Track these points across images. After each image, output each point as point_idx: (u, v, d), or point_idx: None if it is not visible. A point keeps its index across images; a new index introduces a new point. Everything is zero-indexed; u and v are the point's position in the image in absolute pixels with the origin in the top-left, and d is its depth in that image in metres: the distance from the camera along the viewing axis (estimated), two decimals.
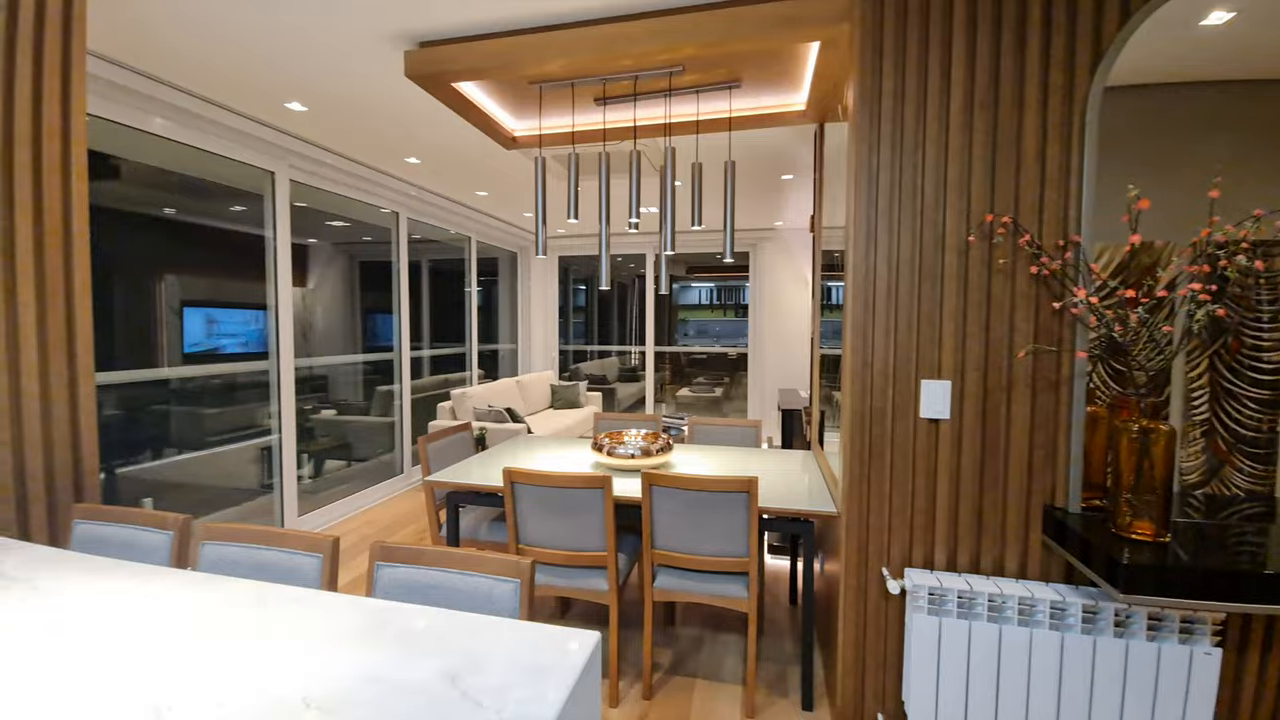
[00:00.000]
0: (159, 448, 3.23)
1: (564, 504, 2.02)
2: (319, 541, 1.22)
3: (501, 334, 6.93)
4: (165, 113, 2.68)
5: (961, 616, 1.48)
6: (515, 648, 0.88)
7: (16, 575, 1.09)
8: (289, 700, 0.75)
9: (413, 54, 2.18)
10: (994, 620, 1.46)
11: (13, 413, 1.40)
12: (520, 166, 3.89)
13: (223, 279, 3.65)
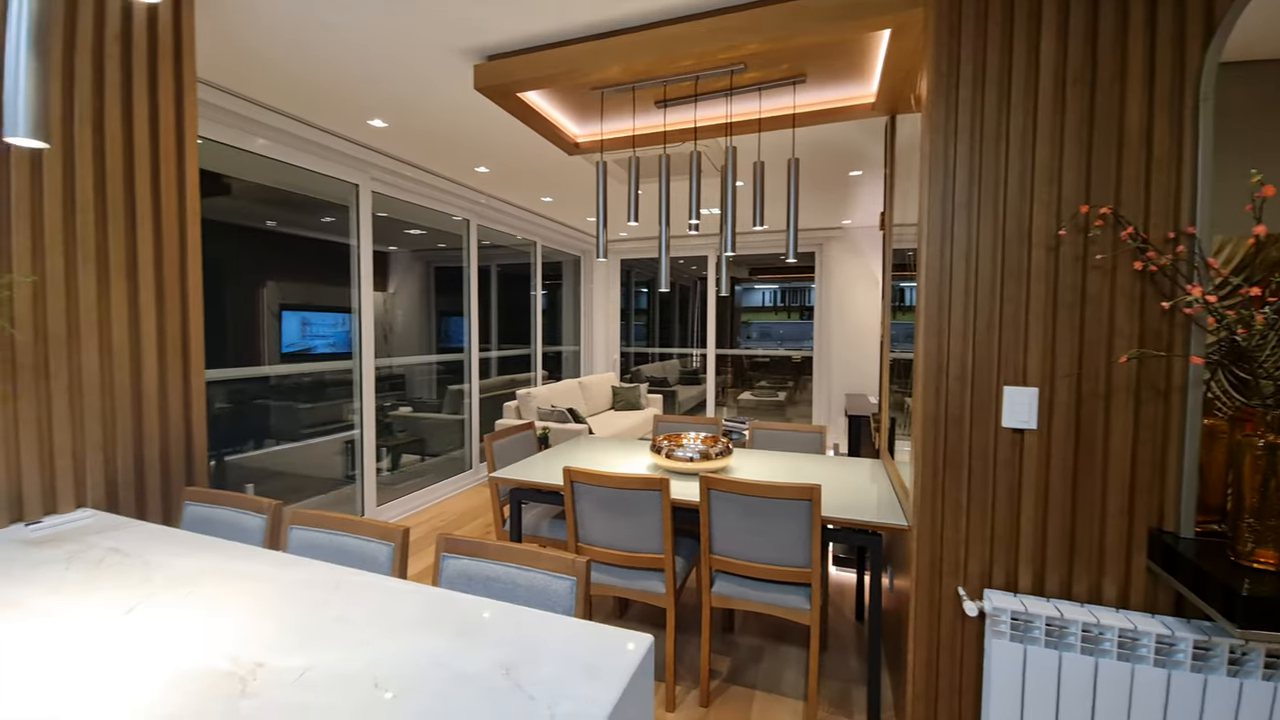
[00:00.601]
0: (260, 438, 3.54)
1: (622, 504, 2.03)
2: (391, 531, 1.30)
3: (565, 336, 7.09)
4: (266, 133, 2.94)
5: (1050, 646, 1.36)
6: (569, 645, 0.89)
7: (132, 551, 1.22)
8: (359, 678, 0.79)
9: (481, 67, 2.27)
10: (1089, 652, 1.33)
11: (134, 407, 1.57)
12: (582, 172, 3.96)
13: (314, 284, 3.96)
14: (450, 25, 2.03)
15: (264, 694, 0.76)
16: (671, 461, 2.42)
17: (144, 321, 1.58)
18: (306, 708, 0.73)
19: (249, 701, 0.74)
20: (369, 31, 2.07)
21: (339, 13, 1.95)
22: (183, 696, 0.75)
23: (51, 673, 0.80)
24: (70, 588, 1.05)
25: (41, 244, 1.38)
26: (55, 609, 0.97)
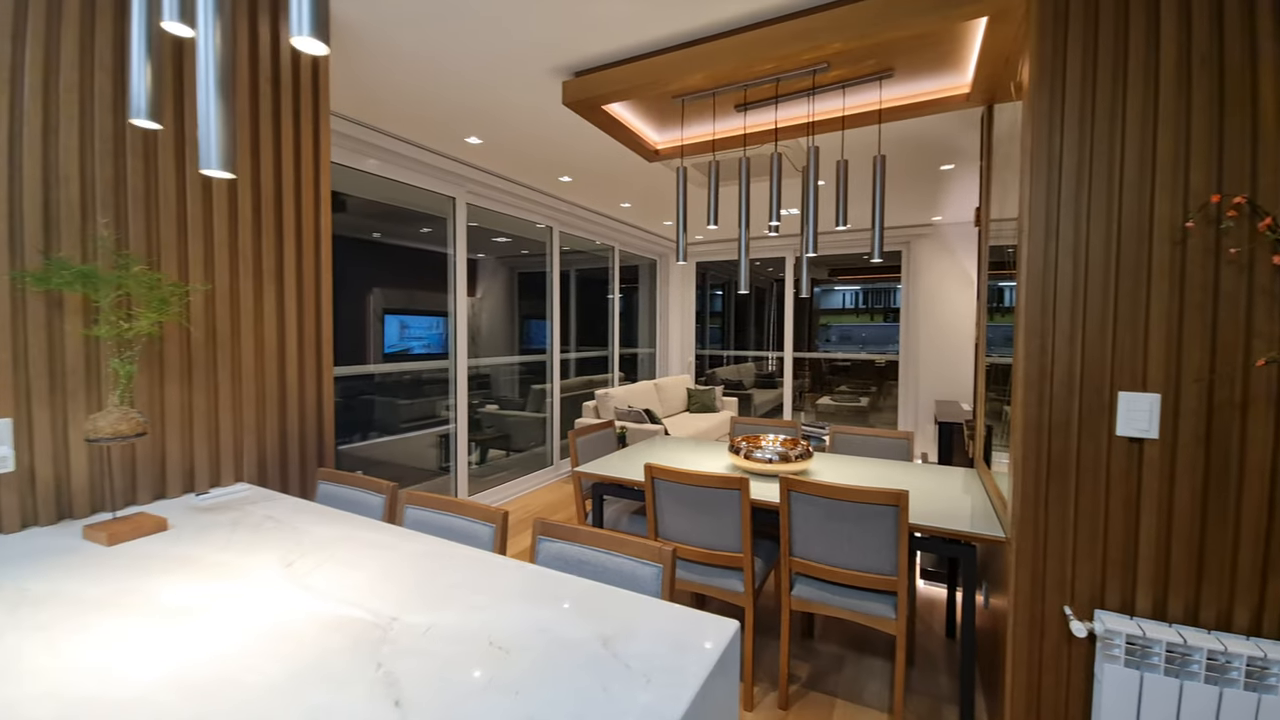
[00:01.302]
0: (365, 431, 3.90)
1: (701, 502, 2.07)
2: (493, 513, 1.42)
3: (640, 338, 7.22)
4: (377, 154, 3.26)
5: (1170, 674, 1.25)
6: (660, 623, 0.94)
7: (283, 519, 1.42)
8: (477, 636, 0.89)
9: (569, 83, 2.40)
10: (1214, 681, 1.21)
11: (279, 397, 1.82)
12: (661, 177, 4.05)
13: (412, 290, 4.32)
14: (543, 46, 2.17)
15: (400, 642, 0.88)
16: (750, 462, 2.43)
17: (288, 323, 1.82)
18: (436, 656, 0.84)
19: (389, 647, 0.86)
20: (473, 57, 2.26)
21: (450, 42, 2.14)
22: (338, 637, 0.88)
23: (229, 613, 0.96)
24: (237, 546, 1.25)
25: (212, 257, 1.64)
26: (227, 562, 1.16)
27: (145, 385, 1.50)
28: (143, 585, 1.05)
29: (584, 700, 0.75)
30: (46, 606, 0.97)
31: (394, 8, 1.92)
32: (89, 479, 1.40)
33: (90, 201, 1.39)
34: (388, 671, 0.80)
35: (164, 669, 0.80)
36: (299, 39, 0.79)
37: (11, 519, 1.29)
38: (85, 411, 1.39)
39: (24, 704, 0.72)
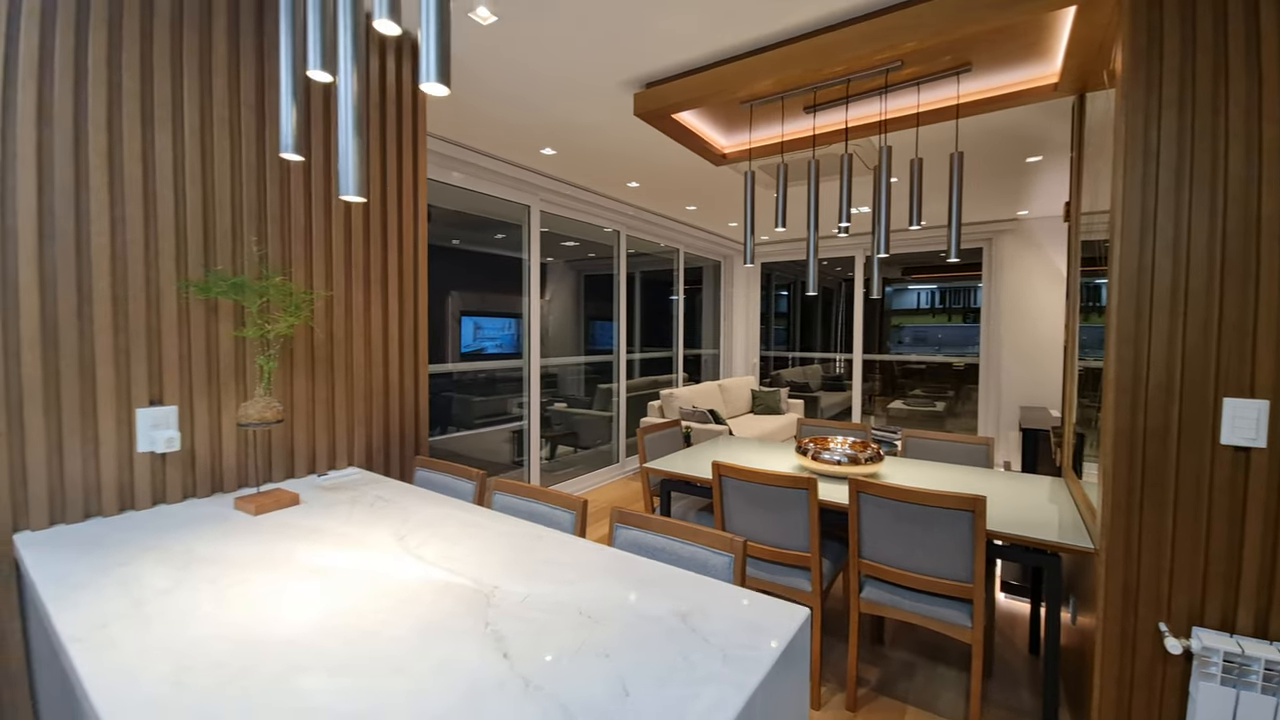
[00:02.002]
0: (444, 425, 4.19)
1: (769, 500, 2.10)
2: (574, 501, 1.53)
3: (704, 339, 7.25)
4: (460, 168, 3.50)
5: (1269, 692, 1.17)
6: (734, 606, 1.01)
7: (391, 499, 1.60)
8: (568, 606, 1.00)
9: (640, 95, 2.50)
10: None
11: (383, 391, 2.03)
12: (728, 179, 4.08)
13: (487, 293, 4.58)
14: (615, 62, 2.28)
15: (502, 607, 0.99)
16: (818, 464, 2.43)
17: (390, 325, 2.03)
18: (534, 621, 0.95)
19: (494, 610, 0.98)
20: (549, 78, 2.41)
21: (528, 65, 2.30)
22: (449, 600, 1.01)
23: (358, 575, 1.12)
24: (356, 520, 1.42)
25: (331, 267, 1.86)
26: (350, 534, 1.34)
27: (280, 379, 1.73)
28: (286, 549, 1.24)
29: (668, 666, 0.83)
30: (212, 565, 1.17)
31: (478, 39, 2.09)
32: (237, 458, 1.64)
33: (239, 222, 1.63)
34: (495, 630, 0.92)
35: (313, 618, 0.96)
36: (427, 84, 0.92)
37: (176, 491, 1.54)
38: (234, 401, 1.63)
39: (205, 641, 0.89)
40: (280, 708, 0.73)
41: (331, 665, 0.82)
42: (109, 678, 0.78)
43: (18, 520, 1.30)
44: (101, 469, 1.40)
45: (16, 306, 1.28)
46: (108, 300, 1.40)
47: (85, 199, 1.37)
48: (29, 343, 1.29)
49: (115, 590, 1.04)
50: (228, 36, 1.60)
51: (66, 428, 1.35)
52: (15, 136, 1.27)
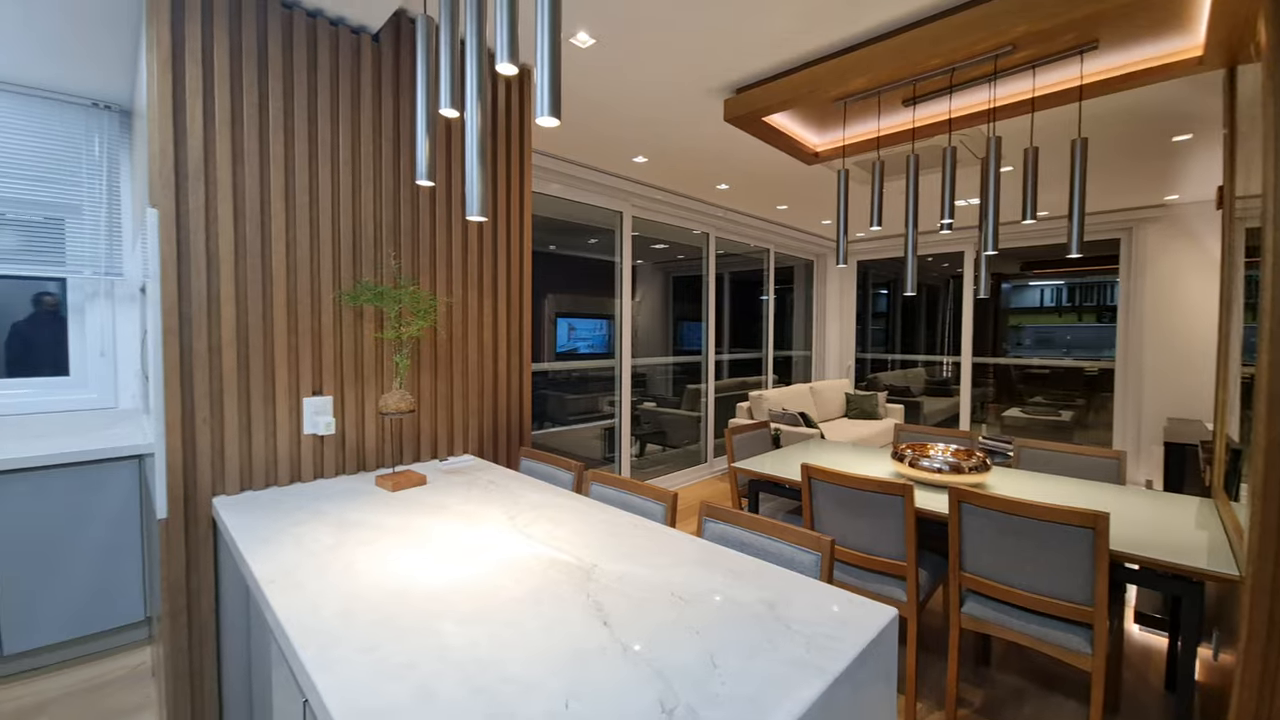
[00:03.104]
0: (541, 421, 4.45)
1: (860, 505, 2.06)
2: (665, 494, 1.62)
3: (795, 340, 7.08)
4: (559, 179, 3.73)
5: None
6: (819, 599, 1.04)
7: (502, 484, 1.77)
8: (661, 588, 1.08)
9: (730, 100, 2.54)
10: None
11: (493, 387, 2.24)
12: (819, 177, 3.99)
13: (579, 295, 4.81)
14: (704, 70, 2.34)
15: (601, 582, 1.10)
16: (916, 471, 2.34)
17: (499, 327, 2.24)
18: (630, 597, 1.04)
19: (594, 585, 1.09)
20: (641, 90, 2.52)
21: (621, 81, 2.43)
22: (555, 572, 1.14)
23: (478, 546, 1.28)
24: (474, 500, 1.61)
25: (451, 276, 2.09)
26: (469, 512, 1.51)
27: (411, 375, 1.98)
28: (418, 521, 1.44)
29: (753, 647, 0.89)
30: (362, 529, 1.38)
31: (577, 61, 2.24)
32: (377, 442, 1.90)
33: (380, 240, 1.89)
34: (595, 601, 1.02)
35: (446, 578, 1.12)
36: (541, 119, 1.04)
37: (330, 468, 1.81)
38: (375, 393, 1.89)
39: (364, 589, 1.07)
40: (423, 643, 0.88)
41: (460, 616, 0.97)
42: (297, 611, 0.97)
43: (215, 486, 1.61)
44: (278, 447, 1.70)
45: (218, 314, 1.59)
46: (284, 308, 1.69)
47: (268, 224, 1.66)
48: (227, 343, 1.60)
49: (293, 545, 1.27)
50: (373, 84, 1.86)
51: (254, 413, 1.65)
52: (215, 178, 1.58)
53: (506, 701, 0.75)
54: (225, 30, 1.57)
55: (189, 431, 1.55)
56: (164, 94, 1.48)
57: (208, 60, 1.55)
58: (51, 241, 2.49)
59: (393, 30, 1.91)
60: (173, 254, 1.51)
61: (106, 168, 2.59)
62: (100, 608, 2.22)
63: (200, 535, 1.58)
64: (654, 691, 0.77)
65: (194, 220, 1.54)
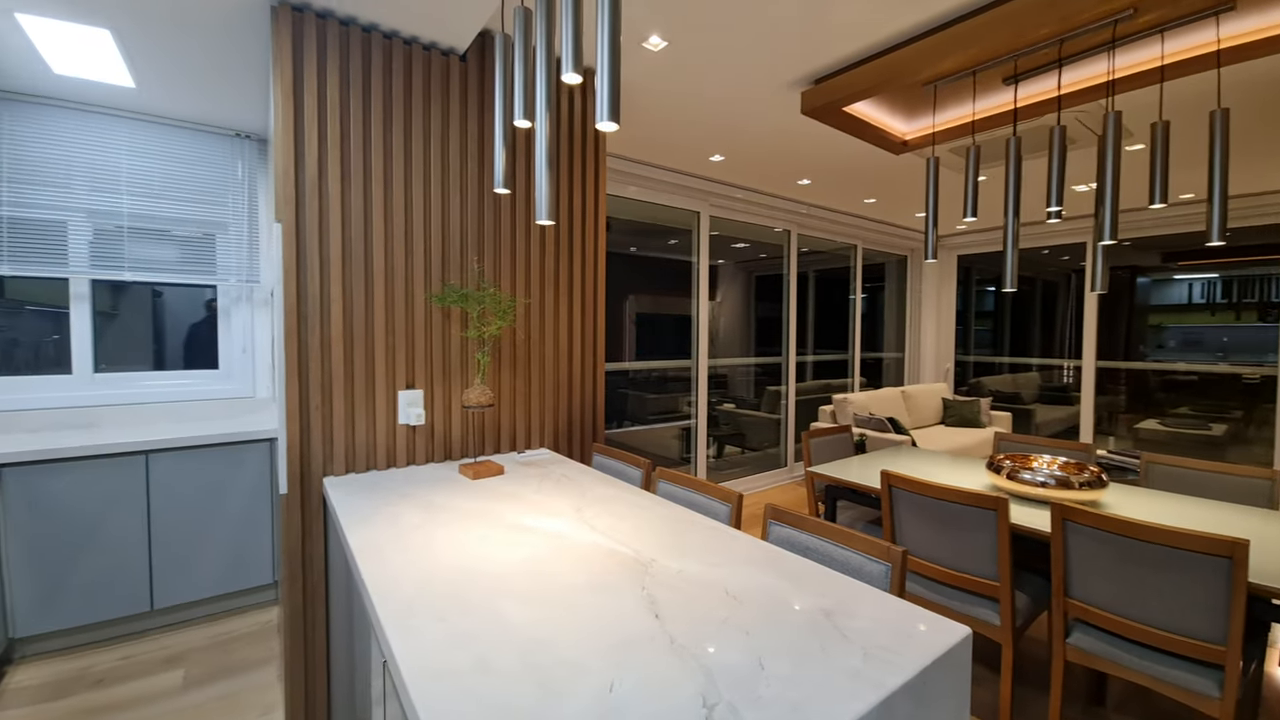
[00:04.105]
0: (620, 420, 4.54)
1: (946, 518, 1.93)
2: (730, 494, 1.61)
3: (886, 342, 6.69)
4: (636, 181, 3.79)
5: None
6: (882, 611, 1.00)
7: (573, 477, 1.85)
8: (715, 585, 1.08)
9: (808, 92, 2.46)
10: None
11: (567, 384, 2.33)
12: (911, 168, 3.75)
13: (659, 296, 4.85)
14: (780, 63, 2.29)
15: (657, 576, 1.12)
16: (1014, 484, 2.14)
17: (574, 326, 2.33)
18: (684, 592, 1.06)
19: (649, 578, 1.11)
20: (716, 89, 2.51)
21: (695, 80, 2.43)
22: (615, 564, 1.17)
23: (545, 533, 1.34)
24: (545, 491, 1.69)
25: (529, 278, 2.20)
26: (540, 502, 1.59)
27: (491, 372, 2.11)
28: (495, 507, 1.53)
29: (802, 652, 0.87)
30: (444, 512, 1.49)
31: (650, 64, 2.27)
32: (460, 433, 2.05)
33: (465, 246, 2.04)
34: (649, 593, 1.05)
35: (510, 560, 1.19)
36: (602, 124, 1.08)
37: (420, 455, 1.98)
38: (459, 388, 2.03)
39: (440, 565, 1.16)
40: (486, 618, 0.94)
41: (521, 595, 1.03)
42: (381, 580, 1.08)
43: (326, 467, 1.81)
44: (376, 435, 1.88)
45: (329, 314, 1.79)
46: (382, 309, 1.87)
47: (370, 234, 1.85)
48: (335, 340, 1.80)
49: (385, 522, 1.40)
50: (460, 100, 2.01)
51: (356, 403, 1.84)
52: (327, 194, 1.77)
53: (555, 679, 0.79)
54: (336, 63, 1.77)
55: (305, 418, 1.76)
56: (286, 122, 1.69)
57: (321, 91, 1.75)
58: (205, 253, 2.92)
59: (478, 50, 2.05)
60: (293, 262, 1.72)
61: (247, 189, 2.99)
62: (236, 570, 2.57)
63: (313, 510, 1.79)
64: (697, 686, 0.78)
65: (309, 232, 1.74)
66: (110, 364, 2.78)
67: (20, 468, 2.13)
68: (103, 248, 2.67)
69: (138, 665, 2.19)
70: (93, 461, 2.25)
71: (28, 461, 2.14)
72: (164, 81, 2.33)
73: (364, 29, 1.82)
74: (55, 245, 2.57)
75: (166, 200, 2.79)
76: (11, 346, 2.58)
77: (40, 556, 2.18)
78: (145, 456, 2.35)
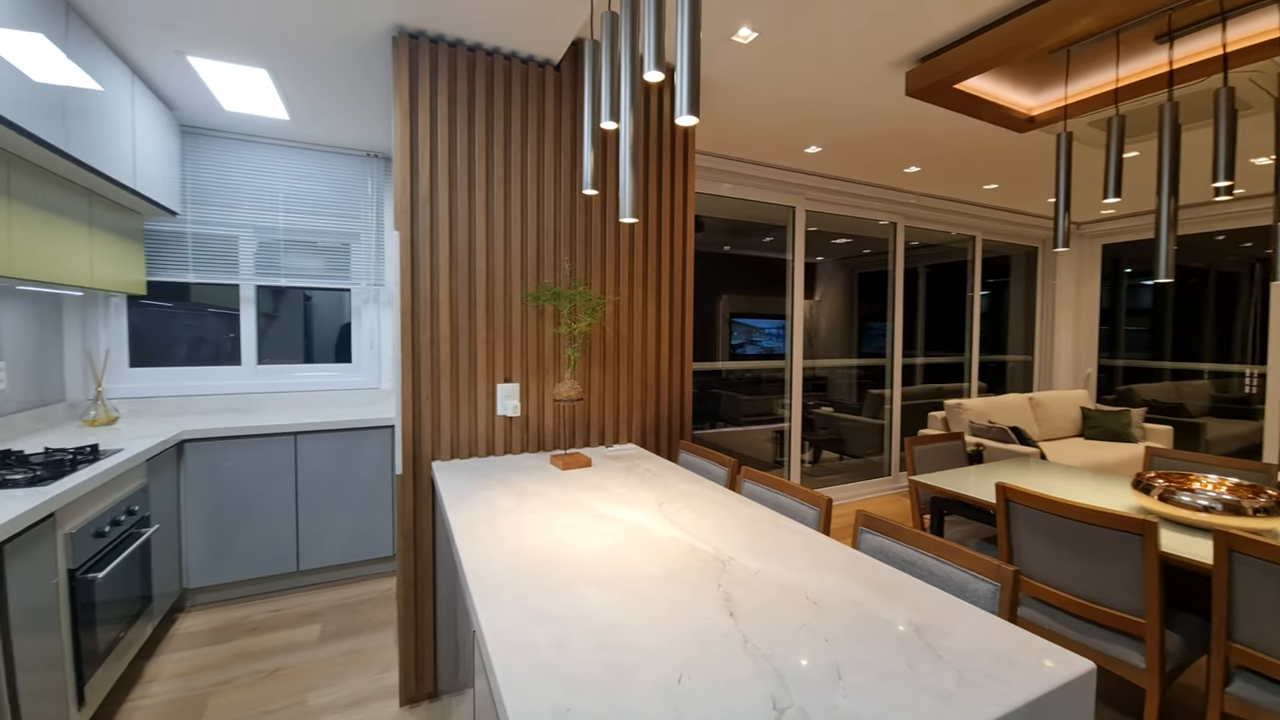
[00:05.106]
0: (712, 420, 4.50)
1: (1080, 541, 1.70)
2: (818, 498, 1.54)
3: (1011, 343, 6.03)
4: (729, 179, 3.74)
5: None
6: (984, 632, 0.90)
7: (658, 473, 1.86)
8: (796, 589, 1.04)
9: (913, 72, 2.29)
10: None
11: (655, 381, 2.35)
12: (1039, 147, 3.35)
13: (753, 295, 4.74)
14: (879, 44, 2.14)
15: (735, 575, 1.10)
16: (1168, 506, 1.85)
17: (662, 324, 2.35)
18: (762, 593, 1.03)
19: (726, 576, 1.10)
20: (810, 78, 2.41)
21: (789, 72, 2.35)
22: (694, 560, 1.17)
23: (627, 525, 1.37)
24: (629, 484, 1.72)
25: (618, 277, 2.25)
26: (625, 495, 1.63)
27: (581, 367, 2.19)
28: (580, 497, 1.59)
29: (889, 667, 0.81)
30: (534, 499, 1.58)
31: (740, 57, 2.23)
32: (551, 426, 2.15)
33: (557, 245, 2.13)
34: (725, 592, 1.03)
35: (593, 548, 1.23)
36: (681, 118, 1.09)
37: (515, 445, 2.10)
38: (551, 382, 2.13)
39: (527, 547, 1.23)
40: (566, 599, 0.98)
41: (599, 581, 1.06)
42: (474, 557, 1.17)
43: (434, 452, 1.98)
44: (478, 424, 2.03)
45: (437, 313, 1.95)
46: (483, 308, 2.01)
47: (474, 239, 2.00)
48: (443, 338, 1.96)
49: (481, 504, 1.51)
50: (554, 108, 2.11)
51: (460, 395, 2.00)
52: (437, 204, 1.94)
53: (626, 663, 0.81)
54: (445, 82, 1.93)
55: (417, 407, 1.94)
56: (403, 139, 1.88)
57: (433, 108, 1.92)
58: (342, 261, 3.31)
59: (571, 59, 2.14)
60: (408, 266, 1.90)
61: (376, 202, 3.35)
62: (363, 541, 2.88)
63: (423, 490, 1.97)
64: (767, 687, 0.76)
65: (422, 239, 1.92)
66: (270, 358, 3.24)
67: (198, 443, 2.55)
68: (264, 258, 3.12)
69: (284, 618, 2.53)
70: (255, 440, 2.64)
71: (205, 438, 2.55)
72: (310, 112, 2.67)
73: (469, 49, 1.97)
74: (229, 256, 3.04)
75: (312, 215, 3.20)
76: (198, 343, 3.09)
77: (210, 519, 2.59)
78: (295, 437, 2.71)
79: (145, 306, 2.98)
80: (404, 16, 1.80)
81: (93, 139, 1.94)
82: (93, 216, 2.24)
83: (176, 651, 2.26)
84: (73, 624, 1.61)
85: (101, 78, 1.99)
